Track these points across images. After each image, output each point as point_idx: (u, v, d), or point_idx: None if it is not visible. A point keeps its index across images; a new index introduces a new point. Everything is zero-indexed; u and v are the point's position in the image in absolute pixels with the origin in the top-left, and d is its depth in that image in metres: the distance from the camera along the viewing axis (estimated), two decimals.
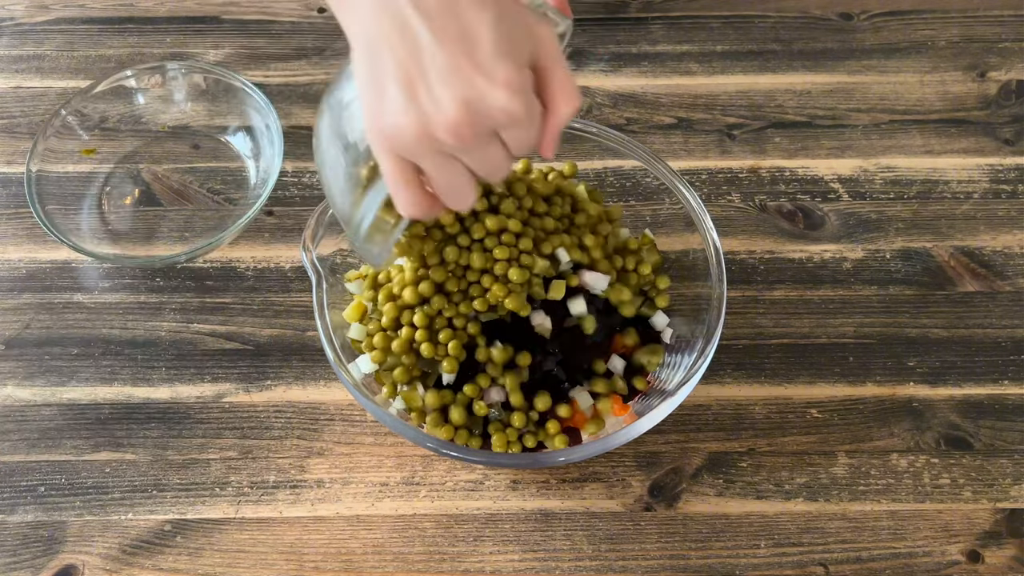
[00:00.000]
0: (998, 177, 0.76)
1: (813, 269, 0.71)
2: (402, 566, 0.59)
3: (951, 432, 0.64)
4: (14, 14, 0.86)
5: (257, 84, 0.76)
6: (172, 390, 0.66)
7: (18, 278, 0.71)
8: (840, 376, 0.66)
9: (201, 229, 0.73)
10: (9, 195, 0.75)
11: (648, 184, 0.66)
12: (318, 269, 0.60)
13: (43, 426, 0.64)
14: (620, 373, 0.61)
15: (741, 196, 0.74)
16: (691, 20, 0.85)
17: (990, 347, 0.67)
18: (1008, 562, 0.59)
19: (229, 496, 0.62)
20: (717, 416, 0.64)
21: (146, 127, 0.79)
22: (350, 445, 0.63)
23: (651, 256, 0.64)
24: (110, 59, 0.83)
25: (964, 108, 0.80)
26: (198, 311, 0.69)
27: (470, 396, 0.58)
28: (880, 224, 0.73)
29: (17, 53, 0.84)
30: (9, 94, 0.81)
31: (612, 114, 0.79)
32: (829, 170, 0.76)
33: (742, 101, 0.80)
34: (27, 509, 0.61)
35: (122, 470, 0.63)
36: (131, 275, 0.71)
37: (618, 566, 0.59)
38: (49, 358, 0.67)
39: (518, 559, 0.59)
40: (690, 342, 0.61)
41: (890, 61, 0.83)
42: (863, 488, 0.62)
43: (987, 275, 0.70)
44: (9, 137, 0.78)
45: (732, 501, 0.61)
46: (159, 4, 0.87)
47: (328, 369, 0.66)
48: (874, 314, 0.69)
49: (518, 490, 0.62)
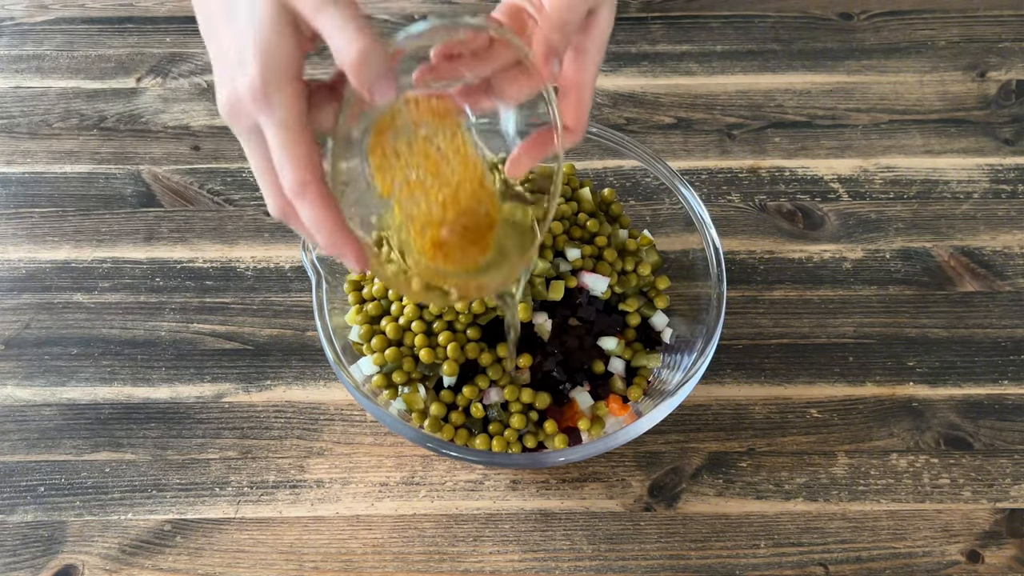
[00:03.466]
0: (998, 177, 0.76)
1: (813, 269, 0.71)
2: (402, 566, 0.59)
3: (951, 432, 0.64)
4: (14, 14, 0.86)
5: None
6: (172, 390, 0.66)
7: (18, 278, 0.71)
8: (840, 376, 0.66)
9: (201, 230, 0.73)
10: (9, 195, 0.75)
11: (648, 184, 0.66)
12: (318, 269, 0.60)
13: (43, 426, 0.64)
14: (620, 373, 0.61)
15: (741, 196, 0.74)
16: (691, 20, 0.86)
17: (990, 347, 0.67)
18: (1008, 562, 0.59)
19: (229, 496, 0.62)
20: (717, 416, 0.64)
21: (146, 127, 0.79)
22: (350, 445, 0.63)
23: (651, 256, 0.64)
24: (110, 59, 0.83)
25: (964, 108, 0.80)
26: (198, 311, 0.69)
27: (470, 397, 0.58)
28: (880, 224, 0.73)
29: (17, 53, 0.84)
30: (9, 94, 0.81)
31: (612, 114, 0.79)
32: (829, 170, 0.76)
33: (742, 101, 0.80)
34: (27, 509, 0.61)
35: (122, 470, 0.63)
36: (131, 275, 0.71)
37: (618, 566, 0.59)
38: (49, 358, 0.67)
39: (518, 559, 0.59)
40: (690, 342, 0.61)
41: (890, 61, 0.83)
42: (863, 488, 0.62)
43: (987, 275, 0.70)
44: (9, 137, 0.78)
45: (732, 501, 0.61)
46: (159, 4, 0.87)
47: (328, 369, 0.66)
48: (874, 314, 0.69)
49: (518, 490, 0.62)
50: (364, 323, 0.60)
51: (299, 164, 0.40)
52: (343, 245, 0.42)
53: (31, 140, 0.78)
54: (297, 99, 0.40)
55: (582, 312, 0.60)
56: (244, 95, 0.39)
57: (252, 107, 0.39)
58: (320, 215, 0.41)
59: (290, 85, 0.39)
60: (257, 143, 0.41)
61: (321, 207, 0.40)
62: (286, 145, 0.40)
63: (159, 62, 0.83)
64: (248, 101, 0.39)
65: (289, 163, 0.40)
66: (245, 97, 0.39)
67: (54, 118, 0.79)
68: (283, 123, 0.40)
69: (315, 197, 0.40)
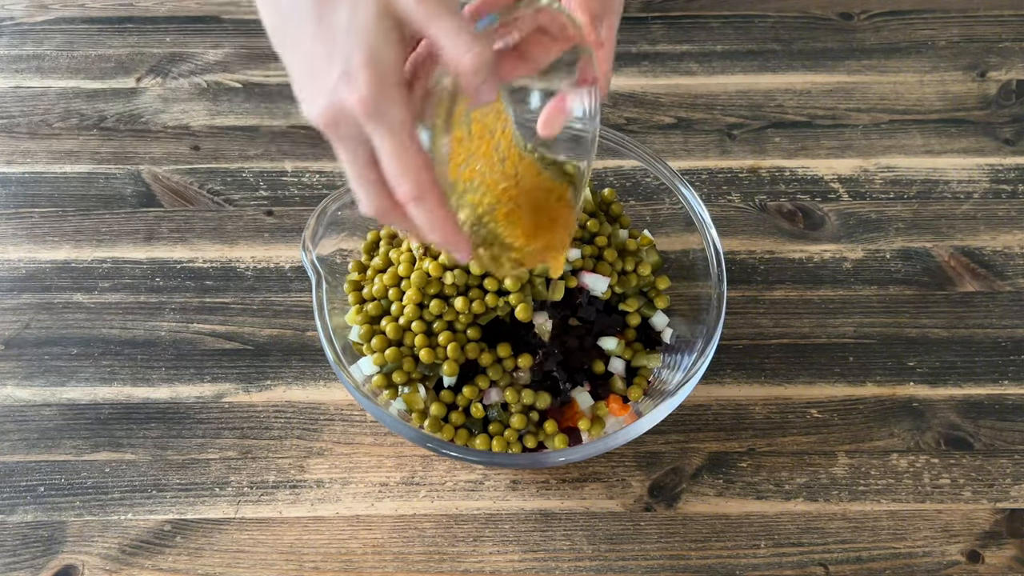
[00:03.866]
0: (998, 177, 0.76)
1: (813, 269, 0.71)
2: (402, 566, 0.59)
3: (951, 432, 0.64)
4: (14, 14, 0.86)
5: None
6: (172, 390, 0.66)
7: (18, 278, 0.71)
8: (840, 376, 0.66)
9: (201, 230, 0.73)
10: (9, 195, 0.75)
11: (648, 184, 0.66)
12: (318, 269, 0.60)
13: (43, 426, 0.64)
14: (620, 373, 0.61)
15: (741, 196, 0.74)
16: (691, 20, 0.85)
17: (990, 347, 0.67)
18: (1008, 562, 0.59)
19: (229, 496, 0.62)
20: (717, 416, 0.64)
21: (146, 127, 0.79)
22: (350, 445, 0.63)
23: (651, 256, 0.64)
24: (110, 59, 0.83)
25: (964, 108, 0.80)
26: (198, 311, 0.69)
27: (470, 398, 0.58)
28: (880, 224, 0.73)
29: (17, 53, 0.84)
30: (9, 94, 0.81)
31: (612, 114, 0.79)
32: (829, 170, 0.76)
33: (742, 101, 0.80)
34: (27, 509, 0.61)
35: (122, 470, 0.63)
36: (131, 275, 0.71)
37: (618, 566, 0.59)
38: (49, 358, 0.67)
39: (518, 559, 0.59)
40: (690, 342, 0.61)
41: (890, 61, 0.83)
42: (863, 488, 0.62)
43: (987, 275, 0.70)
44: (9, 137, 0.78)
45: (732, 501, 0.61)
46: (159, 4, 0.87)
47: (328, 369, 0.66)
48: (874, 314, 0.69)
49: (518, 490, 0.62)
50: (364, 323, 0.60)
51: (418, 171, 0.40)
52: (457, 242, 0.43)
53: (31, 140, 0.78)
54: (406, 106, 0.40)
55: (582, 312, 0.60)
56: (353, 106, 0.39)
57: (363, 118, 0.39)
58: (439, 216, 0.42)
59: (400, 93, 0.39)
60: (360, 151, 0.41)
61: (439, 208, 0.41)
62: (401, 153, 0.40)
63: (159, 62, 0.83)
64: (359, 113, 0.39)
65: (408, 170, 0.40)
66: (354, 109, 0.39)
67: (54, 118, 0.79)
68: (397, 132, 0.39)
69: (435, 201, 0.41)
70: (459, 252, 0.44)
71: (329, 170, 0.76)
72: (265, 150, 0.77)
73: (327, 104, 0.40)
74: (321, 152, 0.77)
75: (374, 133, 0.40)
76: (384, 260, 0.61)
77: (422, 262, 0.58)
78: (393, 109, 0.39)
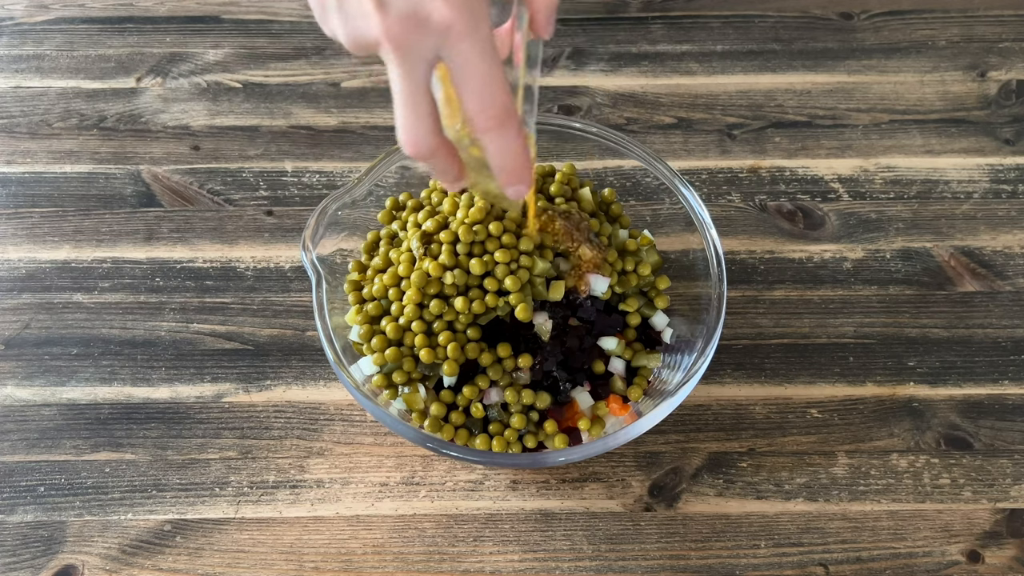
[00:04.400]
0: (998, 177, 0.76)
1: (813, 269, 0.71)
2: (402, 566, 0.59)
3: (951, 432, 0.64)
4: (14, 14, 0.86)
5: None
6: (172, 390, 0.66)
7: (18, 278, 0.71)
8: (840, 376, 0.66)
9: (201, 230, 0.73)
10: (9, 195, 0.75)
11: (648, 184, 0.66)
12: (318, 269, 0.60)
13: (43, 426, 0.64)
14: (620, 373, 0.61)
15: (741, 196, 0.74)
16: (691, 20, 0.85)
17: (990, 347, 0.67)
18: (1008, 562, 0.59)
19: (229, 496, 0.62)
20: (717, 416, 0.64)
21: (146, 127, 0.79)
22: (350, 445, 0.63)
23: (651, 256, 0.64)
24: (110, 59, 0.83)
25: (964, 108, 0.80)
26: (198, 311, 0.69)
27: (470, 397, 0.58)
28: (880, 224, 0.73)
29: (17, 53, 0.84)
30: (9, 94, 0.81)
31: (612, 114, 0.79)
32: (829, 170, 0.76)
33: (742, 101, 0.80)
34: (27, 509, 0.61)
35: (122, 470, 0.63)
36: (131, 275, 0.71)
37: (618, 566, 0.59)
38: (49, 358, 0.67)
39: (518, 559, 0.59)
40: (690, 342, 0.61)
41: (890, 61, 0.83)
42: (863, 488, 0.62)
43: (987, 275, 0.70)
44: (9, 137, 0.78)
45: (732, 501, 0.61)
46: (159, 4, 0.87)
47: (328, 369, 0.66)
48: (874, 314, 0.69)
49: (518, 490, 0.62)
50: (364, 323, 0.60)
51: (505, 93, 0.39)
52: (526, 170, 0.42)
53: (31, 140, 0.78)
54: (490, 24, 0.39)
55: (582, 312, 0.60)
56: (443, 18, 0.37)
57: (453, 33, 0.37)
58: (520, 143, 0.41)
59: (489, 11, 0.38)
60: (423, 72, 0.39)
61: (520, 135, 0.41)
62: (496, 72, 0.38)
63: (159, 62, 0.83)
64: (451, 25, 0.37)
65: (498, 89, 0.39)
66: (444, 20, 0.37)
67: (54, 118, 0.79)
68: (489, 51, 0.38)
69: (516, 127, 0.40)
70: (525, 181, 0.42)
71: (329, 170, 0.76)
72: (265, 150, 0.77)
73: (407, 12, 0.37)
74: (321, 152, 0.77)
75: (461, 52, 0.38)
76: (384, 260, 0.61)
77: (422, 262, 0.58)
78: (484, 25, 0.38)
